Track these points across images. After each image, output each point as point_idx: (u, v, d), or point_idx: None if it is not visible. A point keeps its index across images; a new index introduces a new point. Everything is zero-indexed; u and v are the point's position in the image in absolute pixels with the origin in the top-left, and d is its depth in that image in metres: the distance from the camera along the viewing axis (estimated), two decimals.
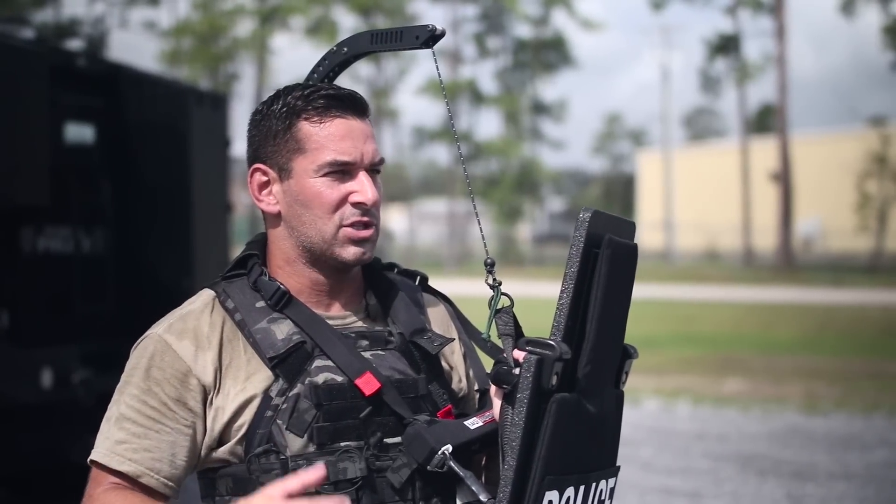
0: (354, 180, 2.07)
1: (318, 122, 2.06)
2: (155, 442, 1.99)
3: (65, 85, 7.00)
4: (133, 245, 7.47)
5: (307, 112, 2.07)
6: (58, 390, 6.57)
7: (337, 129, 2.06)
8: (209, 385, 2.01)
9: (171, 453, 1.99)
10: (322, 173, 2.05)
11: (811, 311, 24.35)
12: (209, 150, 8.01)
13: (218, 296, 2.10)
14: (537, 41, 53.42)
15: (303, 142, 2.06)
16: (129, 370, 2.05)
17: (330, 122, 2.06)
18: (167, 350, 2.03)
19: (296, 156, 2.07)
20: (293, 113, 2.07)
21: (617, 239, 1.95)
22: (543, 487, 1.86)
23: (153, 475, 1.98)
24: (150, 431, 1.99)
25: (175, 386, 2.01)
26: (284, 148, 2.07)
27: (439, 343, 2.14)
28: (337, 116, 2.07)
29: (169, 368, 2.01)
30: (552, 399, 1.87)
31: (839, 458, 9.37)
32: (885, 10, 43.47)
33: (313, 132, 2.06)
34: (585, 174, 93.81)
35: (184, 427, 2.00)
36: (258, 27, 45.83)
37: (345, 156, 2.05)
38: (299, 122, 2.07)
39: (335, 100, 2.08)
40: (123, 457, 1.98)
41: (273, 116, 2.09)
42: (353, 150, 2.06)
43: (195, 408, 2.01)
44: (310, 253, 2.09)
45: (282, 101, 2.09)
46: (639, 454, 9.42)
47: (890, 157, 42.05)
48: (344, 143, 2.05)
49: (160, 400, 2.00)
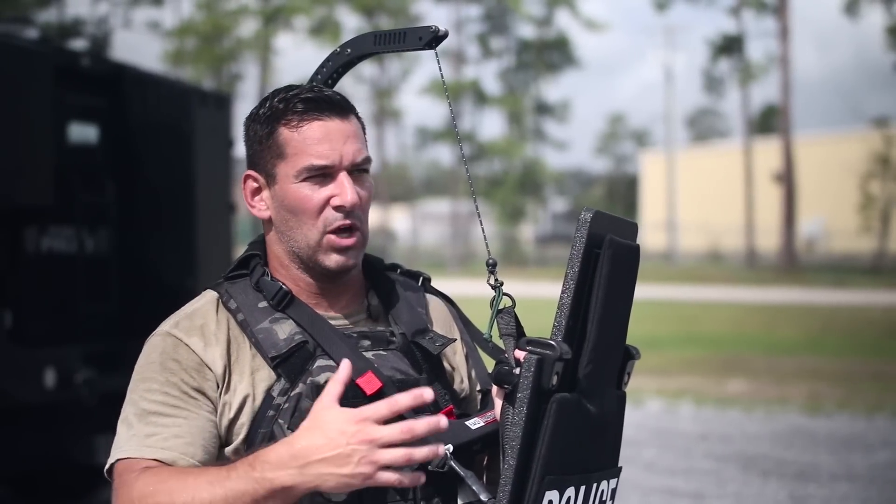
0: (335, 183, 2.06)
1: (295, 127, 2.06)
2: (185, 429, 1.97)
3: (68, 85, 7.01)
4: (136, 245, 7.47)
5: (286, 117, 2.06)
6: (61, 390, 6.58)
7: (314, 133, 2.05)
8: (220, 377, 2.01)
9: (203, 437, 1.97)
10: (301, 178, 2.05)
11: (814, 311, 24.35)
12: (212, 151, 8.01)
13: (221, 296, 2.10)
14: (541, 41, 53.42)
15: (282, 147, 2.06)
16: (141, 368, 2.04)
17: (307, 126, 2.05)
18: (179, 344, 2.03)
19: (278, 161, 2.07)
20: (273, 118, 2.08)
21: (618, 239, 1.95)
22: (543, 487, 1.87)
23: (188, 458, 1.94)
24: (178, 419, 1.97)
25: (193, 376, 2.00)
26: (268, 154, 2.08)
27: (441, 343, 2.15)
28: (314, 119, 2.06)
29: (184, 361, 2.01)
30: (552, 399, 1.87)
31: (842, 458, 9.37)
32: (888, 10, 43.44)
33: (291, 137, 2.05)
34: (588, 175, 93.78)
35: (208, 414, 1.99)
36: (262, 27, 45.85)
37: (322, 159, 2.04)
38: (279, 128, 2.07)
39: (312, 102, 2.07)
40: (156, 447, 1.95)
41: (259, 121, 2.10)
42: (331, 153, 2.05)
43: (213, 398, 2.01)
44: (299, 258, 2.10)
45: (267, 105, 2.10)
46: (641, 455, 9.42)
47: (893, 158, 42.04)
48: (321, 147, 2.04)
49: (181, 389, 1.99)
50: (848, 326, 20.98)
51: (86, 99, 7.34)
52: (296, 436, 1.81)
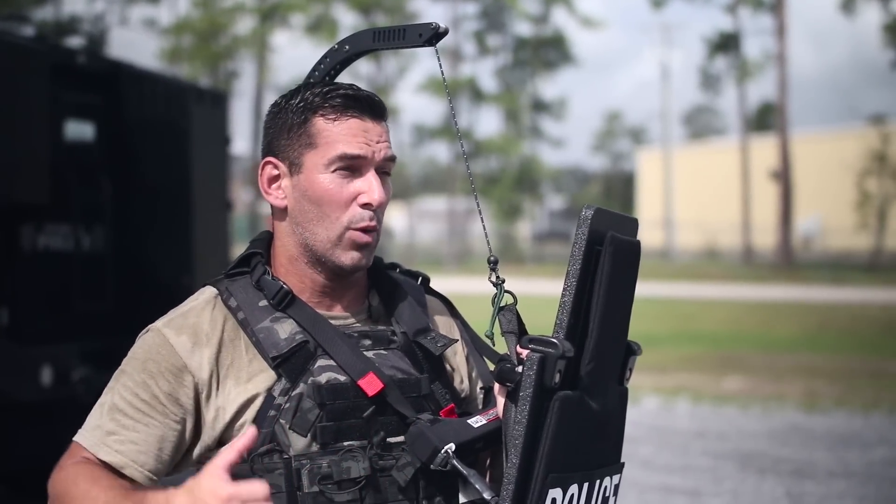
0: (363, 179, 2.06)
1: (333, 119, 2.06)
2: (143, 435, 2.00)
3: (65, 82, 7.00)
4: (133, 243, 7.47)
5: (324, 108, 2.07)
6: (57, 388, 6.58)
7: (351, 127, 2.06)
8: (203, 381, 2.01)
9: (158, 448, 2.00)
10: (332, 168, 2.05)
11: (811, 309, 24.36)
12: (209, 148, 8.01)
13: (221, 294, 2.10)
14: (537, 39, 53.41)
15: (315, 137, 2.06)
16: (127, 360, 2.06)
17: (346, 121, 2.06)
18: (164, 344, 2.03)
19: (307, 151, 2.07)
20: (309, 108, 2.08)
21: (620, 236, 1.94)
22: (547, 485, 1.87)
23: (137, 467, 1.99)
24: (139, 424, 2.00)
25: (168, 380, 2.01)
26: (297, 142, 2.08)
27: (443, 344, 2.14)
28: (353, 116, 2.07)
29: (164, 362, 2.02)
30: (555, 397, 1.87)
31: (839, 456, 9.38)
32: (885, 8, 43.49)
33: (326, 128, 2.06)
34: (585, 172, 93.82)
35: (173, 422, 2.01)
36: (258, 25, 45.84)
37: (355, 149, 2.05)
38: (314, 118, 2.07)
39: (353, 100, 2.08)
40: (111, 448, 2.00)
41: (290, 111, 2.09)
42: (365, 147, 2.06)
43: (186, 404, 2.01)
44: (311, 252, 2.09)
45: (300, 97, 2.10)
46: (638, 452, 9.42)
47: (890, 156, 42.03)
48: (357, 139, 2.06)
49: (152, 394, 2.01)
50: (845, 324, 21.00)
51: (82, 96, 7.33)
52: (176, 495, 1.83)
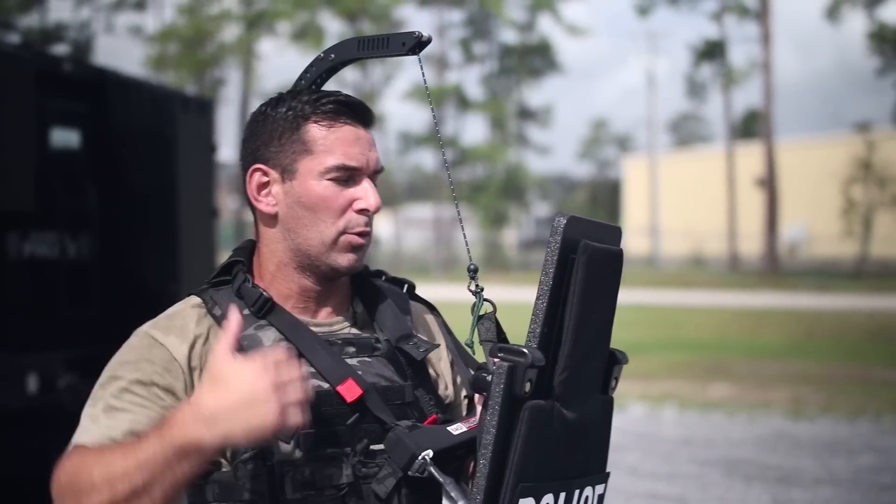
0: (358, 186, 2.08)
1: (327, 126, 2.07)
2: (141, 417, 1.97)
3: (50, 90, 6.98)
4: (119, 250, 7.45)
5: (316, 115, 2.08)
6: (43, 395, 6.55)
7: (346, 135, 2.08)
8: (195, 379, 2.01)
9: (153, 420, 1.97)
10: (328, 176, 2.06)
11: (797, 316, 24.42)
12: (195, 156, 8.00)
13: (205, 303, 2.10)
14: (523, 46, 53.47)
15: (310, 143, 2.07)
16: (115, 365, 2.04)
17: (339, 128, 2.08)
18: (154, 344, 2.03)
19: (302, 157, 2.07)
20: (301, 116, 2.08)
21: (594, 244, 1.92)
22: (517, 494, 1.85)
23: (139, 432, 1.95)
24: (138, 408, 1.98)
25: (164, 376, 2.00)
26: (290, 149, 2.08)
27: (424, 349, 2.14)
28: (346, 123, 2.08)
29: (158, 360, 2.01)
30: (525, 406, 1.85)
31: (825, 463, 9.40)
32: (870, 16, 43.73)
33: (322, 135, 2.07)
34: (571, 179, 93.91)
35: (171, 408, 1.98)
36: (244, 32, 45.81)
37: (353, 161, 2.07)
38: (307, 125, 2.07)
39: (345, 106, 2.09)
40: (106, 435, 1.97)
41: (279, 118, 2.10)
42: (361, 157, 2.08)
43: (181, 396, 2.00)
44: (303, 257, 2.09)
45: (287, 105, 2.10)
46: (625, 459, 9.43)
47: (875, 163, 42.18)
48: (353, 149, 2.07)
49: (149, 390, 1.99)
50: (831, 331, 21.05)
51: (68, 104, 7.31)
52: (199, 394, 1.83)
